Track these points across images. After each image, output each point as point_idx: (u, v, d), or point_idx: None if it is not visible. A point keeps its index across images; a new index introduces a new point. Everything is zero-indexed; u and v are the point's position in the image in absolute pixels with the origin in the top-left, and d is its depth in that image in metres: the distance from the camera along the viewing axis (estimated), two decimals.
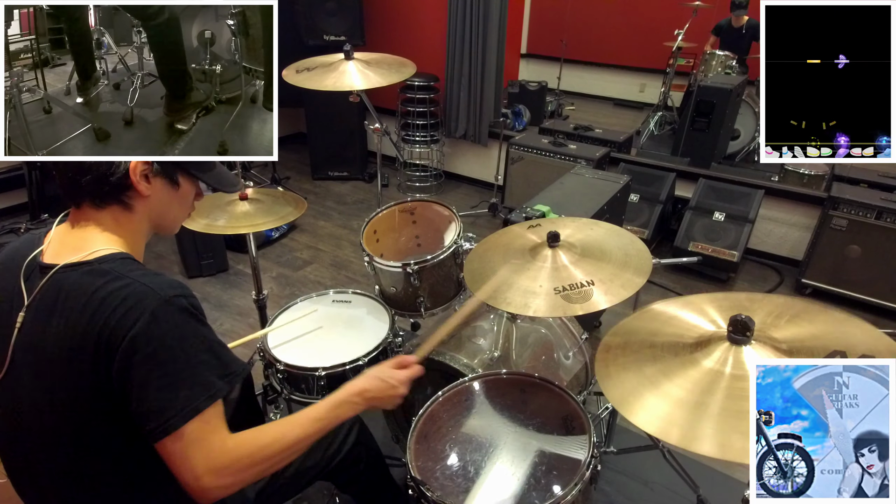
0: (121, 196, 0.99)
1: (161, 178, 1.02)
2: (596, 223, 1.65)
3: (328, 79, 2.15)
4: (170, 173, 1.03)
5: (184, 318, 0.92)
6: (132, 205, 1.00)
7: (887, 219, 3.09)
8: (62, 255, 0.96)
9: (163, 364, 0.89)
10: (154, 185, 1.01)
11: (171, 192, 1.05)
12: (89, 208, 0.99)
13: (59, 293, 0.93)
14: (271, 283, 3.40)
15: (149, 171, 0.99)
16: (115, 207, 0.99)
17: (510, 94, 5.00)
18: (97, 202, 0.98)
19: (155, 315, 0.88)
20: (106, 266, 0.93)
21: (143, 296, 0.89)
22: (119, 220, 1.00)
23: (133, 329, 0.87)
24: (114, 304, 0.88)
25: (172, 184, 1.04)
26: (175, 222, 1.12)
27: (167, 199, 1.05)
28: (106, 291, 0.90)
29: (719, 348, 1.04)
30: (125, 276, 0.92)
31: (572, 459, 1.31)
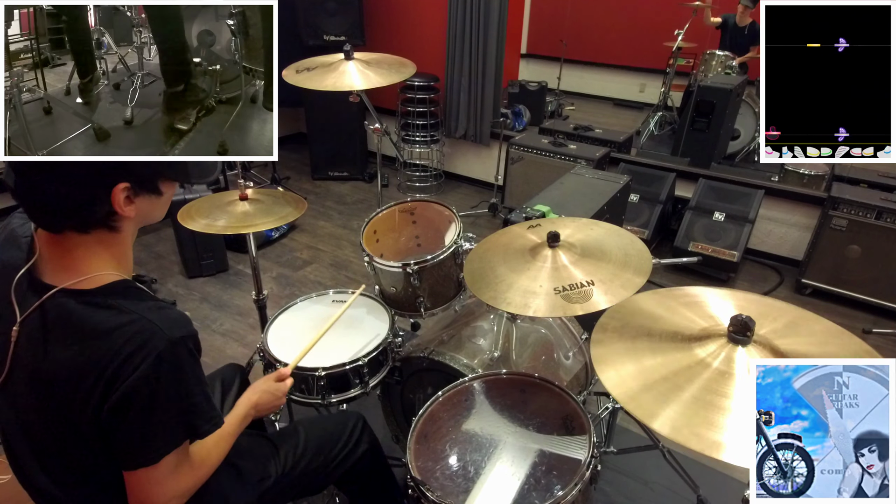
0: (107, 223, 0.95)
1: (144, 195, 0.98)
2: (596, 223, 1.65)
3: (328, 79, 2.15)
4: (151, 188, 0.99)
5: (186, 362, 0.94)
6: (118, 226, 0.97)
7: (887, 219, 3.09)
8: (57, 275, 0.94)
9: (159, 407, 0.91)
10: (138, 202, 0.96)
11: (154, 201, 1.01)
12: (72, 233, 0.94)
13: (58, 319, 0.92)
14: (271, 283, 3.40)
15: (130, 193, 0.94)
16: (101, 231, 0.96)
17: (510, 94, 5.00)
18: (80, 230, 0.94)
19: (161, 358, 0.89)
20: (110, 300, 0.92)
21: (150, 335, 0.89)
22: (105, 240, 0.97)
23: (138, 370, 0.88)
24: (120, 341, 0.88)
25: (155, 194, 1.01)
26: (159, 217, 1.08)
27: (151, 207, 1.02)
28: (109, 326, 0.89)
29: (716, 343, 1.04)
30: (132, 311, 0.91)
31: (572, 459, 1.31)
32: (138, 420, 0.91)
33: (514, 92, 5.03)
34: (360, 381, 1.70)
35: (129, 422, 0.90)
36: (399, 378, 1.86)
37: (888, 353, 3.07)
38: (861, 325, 3.19)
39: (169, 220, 3.71)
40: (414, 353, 1.80)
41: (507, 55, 4.39)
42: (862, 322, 3.22)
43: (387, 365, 1.79)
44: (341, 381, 1.68)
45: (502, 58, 4.31)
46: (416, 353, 1.79)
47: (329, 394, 1.67)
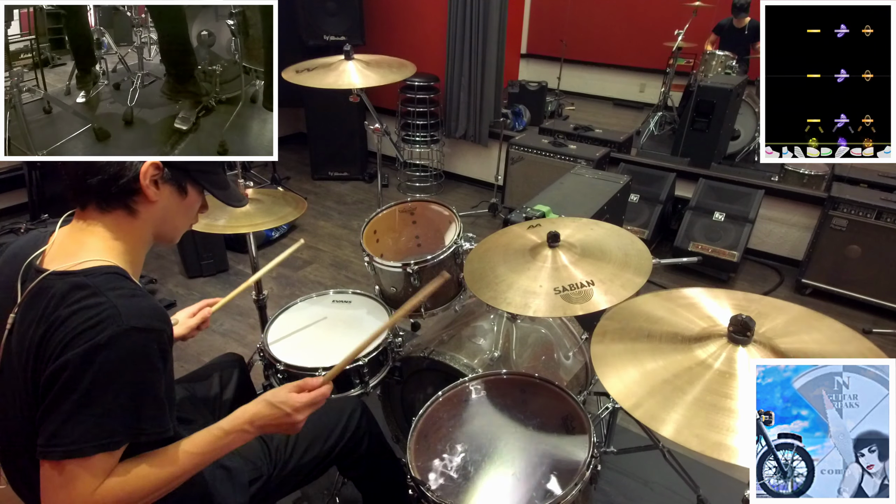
0: (127, 200, 0.97)
1: (170, 185, 1.01)
2: (596, 223, 1.65)
3: (328, 77, 2.15)
4: (179, 181, 1.02)
5: (131, 356, 0.87)
6: (137, 210, 0.99)
7: (887, 219, 3.09)
8: (58, 260, 0.95)
9: (84, 394, 0.84)
10: (162, 191, 1.00)
11: (178, 199, 1.04)
12: (94, 211, 0.98)
13: (42, 300, 0.91)
14: (271, 283, 3.40)
15: (158, 176, 0.98)
16: (120, 212, 0.98)
17: (510, 94, 5.00)
18: (102, 205, 0.97)
19: (108, 340, 0.85)
20: (89, 280, 0.90)
21: (105, 317, 0.86)
22: (122, 225, 0.99)
23: (82, 346, 0.84)
24: (79, 319, 0.86)
25: (180, 191, 1.03)
26: (177, 231, 1.11)
27: (173, 206, 1.04)
28: (80, 306, 0.87)
29: (716, 344, 1.04)
30: (102, 294, 0.88)
31: (572, 459, 1.31)
32: (61, 399, 0.84)
33: (514, 92, 5.03)
34: (360, 380, 1.70)
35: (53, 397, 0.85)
36: (399, 378, 1.86)
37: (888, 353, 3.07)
38: (861, 325, 3.19)
39: None
40: (414, 353, 1.80)
41: (507, 55, 4.39)
42: (862, 322, 3.22)
43: (387, 365, 1.79)
44: (341, 381, 1.68)
45: (502, 58, 4.31)
46: (416, 353, 1.79)
47: (329, 393, 1.66)
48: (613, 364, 1.08)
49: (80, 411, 0.85)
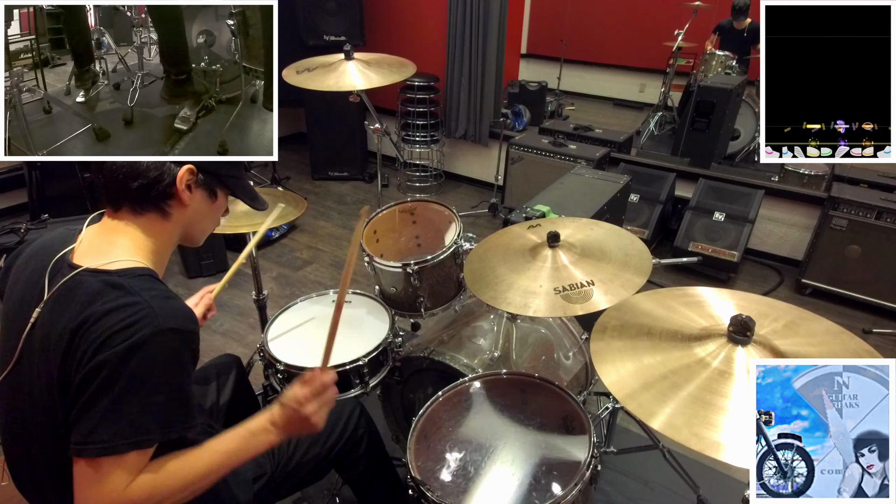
0: (161, 204, 1.00)
1: (202, 190, 1.04)
2: (596, 223, 1.65)
3: (328, 79, 2.15)
4: (210, 185, 1.05)
5: (165, 357, 0.89)
6: (170, 213, 1.01)
7: (887, 219, 3.09)
8: (89, 257, 0.96)
9: (120, 393, 0.86)
10: (195, 195, 1.03)
11: (208, 204, 1.07)
12: (127, 212, 0.99)
13: (75, 295, 0.92)
14: (271, 283, 3.40)
15: (193, 181, 1.01)
16: (153, 214, 1.00)
17: (510, 94, 5.00)
18: (137, 207, 0.99)
19: (144, 340, 0.86)
20: (124, 280, 0.92)
21: (141, 317, 0.88)
22: (154, 227, 1.01)
23: (119, 346, 0.85)
24: (115, 317, 0.87)
25: (211, 196, 1.06)
26: (203, 234, 1.13)
27: (203, 210, 1.06)
28: (114, 305, 0.89)
29: (716, 343, 1.04)
30: (137, 294, 0.90)
31: (572, 459, 1.31)
32: (97, 398, 0.86)
33: (514, 92, 5.03)
34: (360, 380, 1.70)
35: (89, 396, 0.86)
36: (399, 378, 1.86)
37: (888, 353, 3.07)
38: (861, 325, 3.19)
39: None
40: (414, 353, 1.80)
41: (507, 55, 4.39)
42: (862, 322, 3.22)
43: (387, 365, 1.79)
44: (341, 381, 1.67)
45: (502, 58, 4.31)
46: (416, 353, 1.79)
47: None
48: (611, 357, 1.09)
49: (116, 410, 0.86)
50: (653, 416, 0.94)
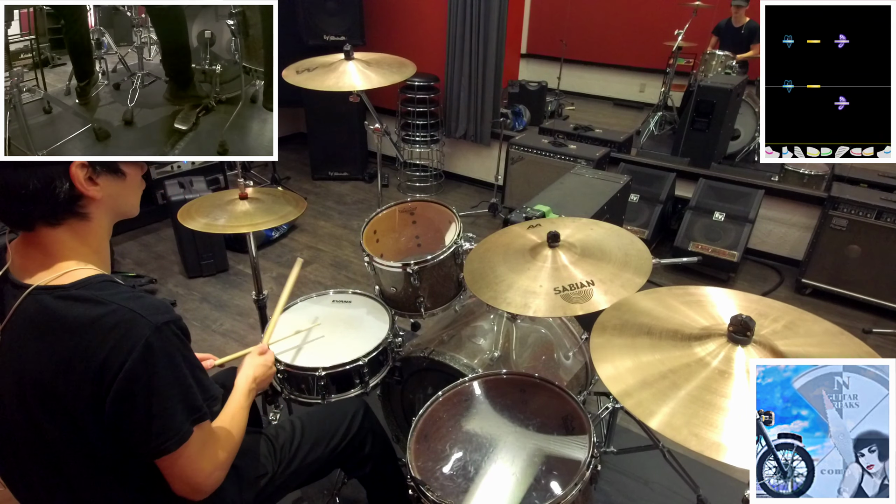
0: (73, 208, 0.93)
1: (105, 175, 0.96)
2: (596, 223, 1.65)
3: (328, 79, 2.15)
4: (113, 167, 0.97)
5: (174, 346, 0.93)
6: (87, 213, 0.95)
7: (887, 219, 3.09)
8: (31, 272, 0.93)
9: (161, 392, 0.91)
10: (102, 184, 0.95)
11: (119, 183, 0.99)
12: (44, 228, 0.93)
13: (34, 317, 0.91)
14: (271, 283, 3.40)
15: (90, 172, 0.93)
16: (72, 221, 0.94)
17: (510, 94, 5.00)
18: (51, 221, 0.93)
19: (149, 345, 0.88)
20: (85, 292, 0.90)
21: (132, 324, 0.88)
22: (77, 231, 0.96)
23: (128, 362, 0.87)
24: (103, 333, 0.87)
25: (118, 174, 0.98)
26: (133, 207, 1.06)
27: (118, 190, 0.99)
28: (89, 318, 0.88)
29: (716, 343, 1.04)
30: (110, 302, 0.89)
31: (572, 459, 1.31)
32: (143, 410, 0.90)
33: (514, 92, 5.03)
34: (360, 380, 1.70)
35: (135, 413, 0.90)
36: (399, 378, 1.86)
37: (888, 353, 3.07)
38: (861, 325, 3.19)
39: (169, 220, 3.71)
40: (414, 353, 1.80)
41: (507, 55, 4.39)
42: (862, 322, 3.22)
43: (387, 365, 1.79)
44: (342, 381, 1.68)
45: (502, 58, 4.31)
46: (416, 353, 1.79)
47: (329, 394, 1.67)
48: (611, 355, 1.09)
49: (168, 404, 0.92)
50: (651, 415, 0.94)
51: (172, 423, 0.93)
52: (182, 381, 0.94)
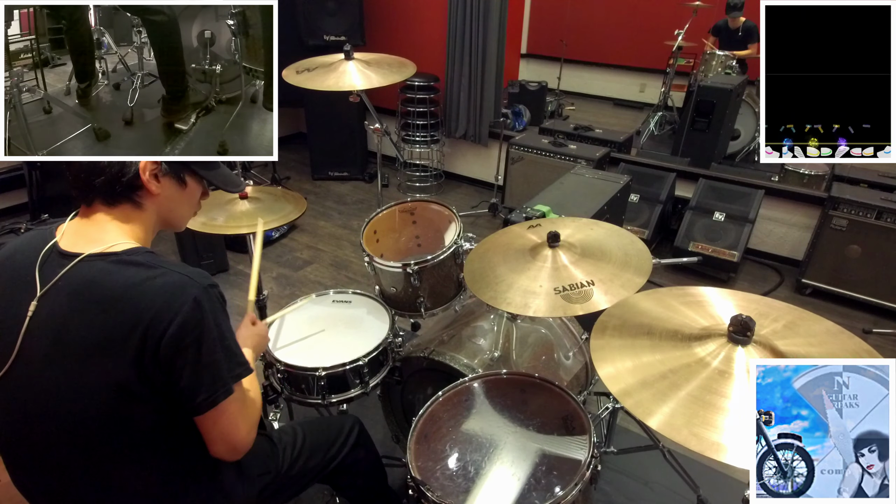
0: (132, 195, 1.02)
1: (169, 178, 1.05)
2: (596, 223, 1.65)
3: (328, 79, 2.15)
4: (177, 172, 1.06)
5: (217, 307, 0.99)
6: (142, 203, 1.03)
7: (887, 219, 3.09)
8: (81, 246, 0.98)
9: (209, 344, 0.96)
10: (163, 183, 1.04)
11: (178, 190, 1.08)
12: (101, 206, 1.01)
13: (84, 281, 0.95)
14: (271, 283, 3.40)
15: (158, 170, 1.02)
16: (126, 206, 1.02)
17: (510, 94, 5.00)
18: (109, 201, 1.01)
19: (198, 301, 0.94)
20: (136, 257, 0.97)
21: (183, 284, 0.95)
22: (130, 217, 1.03)
23: (179, 316, 0.92)
24: (152, 292, 0.93)
25: (180, 182, 1.07)
26: (182, 219, 1.15)
27: (175, 197, 1.08)
28: (139, 279, 0.94)
29: (716, 343, 1.04)
30: (160, 266, 0.96)
31: (572, 459, 1.31)
32: (195, 361, 0.94)
33: (514, 92, 5.03)
34: (360, 381, 1.70)
35: (187, 364, 0.94)
36: (399, 378, 1.86)
37: (888, 353, 3.07)
38: (861, 325, 3.19)
39: None
40: (414, 353, 1.80)
41: (507, 55, 4.39)
42: (862, 322, 3.22)
43: (387, 365, 1.79)
44: (341, 382, 1.68)
45: (502, 58, 4.31)
46: (416, 353, 1.79)
47: (329, 394, 1.67)
48: (610, 355, 1.09)
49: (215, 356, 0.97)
50: (651, 415, 0.94)
51: (220, 375, 0.98)
52: (224, 339, 0.99)
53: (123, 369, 0.93)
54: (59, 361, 0.95)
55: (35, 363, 0.97)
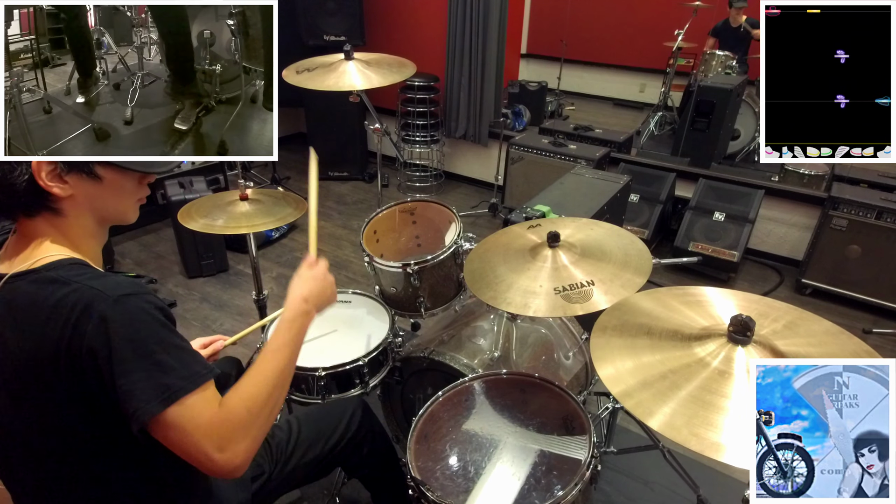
0: (43, 202, 0.93)
1: (75, 175, 0.93)
2: (596, 223, 1.65)
3: (328, 79, 2.15)
4: (81, 167, 0.94)
5: (136, 319, 0.87)
6: (60, 208, 0.94)
7: (887, 219, 3.09)
8: (13, 265, 0.93)
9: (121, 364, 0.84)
10: (72, 182, 0.93)
11: (95, 185, 0.96)
12: (24, 219, 0.95)
13: (9, 304, 0.90)
14: (271, 283, 3.40)
15: (56, 170, 0.91)
16: (46, 214, 0.94)
17: (510, 94, 5.00)
18: (26, 212, 0.94)
19: (103, 317, 0.84)
20: (53, 273, 0.90)
21: (90, 300, 0.85)
22: (56, 224, 0.95)
23: (86, 337, 0.84)
24: (64, 313, 0.85)
25: (91, 177, 0.95)
26: (123, 213, 1.03)
27: (95, 192, 0.96)
28: (54, 300, 0.86)
29: (716, 343, 1.04)
30: (73, 282, 0.88)
31: (572, 459, 1.31)
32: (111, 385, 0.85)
33: (514, 92, 5.02)
34: (360, 380, 1.70)
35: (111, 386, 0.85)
36: (399, 378, 1.86)
37: (888, 353, 3.07)
38: (861, 325, 3.19)
39: (169, 220, 3.71)
40: (414, 353, 1.80)
41: (507, 55, 4.39)
42: (862, 322, 3.22)
43: (387, 365, 1.79)
44: (342, 381, 1.68)
45: (502, 58, 4.31)
46: (416, 353, 1.79)
47: (329, 394, 1.67)
48: (610, 355, 1.09)
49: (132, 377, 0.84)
50: (651, 416, 0.94)
51: (140, 399, 0.84)
52: (146, 355, 0.86)
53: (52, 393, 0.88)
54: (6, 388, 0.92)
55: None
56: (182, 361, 0.89)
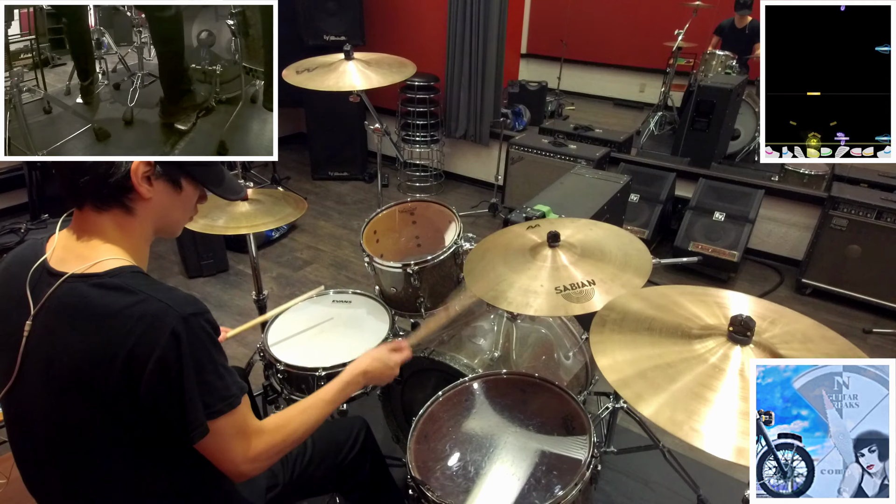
0: (122, 199, 0.96)
1: (163, 181, 0.99)
2: (596, 223, 1.65)
3: (328, 79, 2.15)
4: (172, 176, 1.00)
5: (202, 336, 0.93)
6: (133, 208, 0.98)
7: (887, 219, 3.09)
8: (68, 263, 0.95)
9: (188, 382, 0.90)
10: (156, 187, 0.98)
11: (173, 195, 1.02)
12: (91, 211, 0.97)
13: (67, 304, 0.92)
14: (271, 283, 3.40)
15: (151, 173, 0.96)
16: (117, 210, 0.97)
17: (510, 94, 5.00)
18: (98, 205, 0.96)
19: (176, 333, 0.88)
20: (117, 280, 0.92)
21: (161, 314, 0.89)
22: (121, 224, 0.98)
23: (157, 350, 0.87)
24: (130, 322, 0.88)
25: (175, 187, 1.02)
26: (177, 225, 1.10)
27: (169, 201, 1.02)
28: (117, 307, 0.89)
29: (716, 342, 1.04)
30: (139, 292, 0.91)
31: (572, 459, 1.31)
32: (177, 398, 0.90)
33: (514, 92, 5.02)
34: None
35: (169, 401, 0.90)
36: (399, 378, 1.85)
37: (888, 353, 3.07)
38: (861, 325, 3.19)
39: None
40: (414, 353, 1.80)
41: (507, 55, 4.39)
42: (862, 322, 3.22)
43: None
44: None
45: (502, 58, 4.31)
46: (417, 353, 1.79)
47: None
48: (610, 347, 1.09)
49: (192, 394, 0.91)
50: (641, 400, 0.96)
51: (197, 415, 0.92)
52: (203, 373, 0.92)
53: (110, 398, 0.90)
54: (49, 386, 0.93)
55: (34, 383, 0.95)
56: (225, 382, 0.97)
